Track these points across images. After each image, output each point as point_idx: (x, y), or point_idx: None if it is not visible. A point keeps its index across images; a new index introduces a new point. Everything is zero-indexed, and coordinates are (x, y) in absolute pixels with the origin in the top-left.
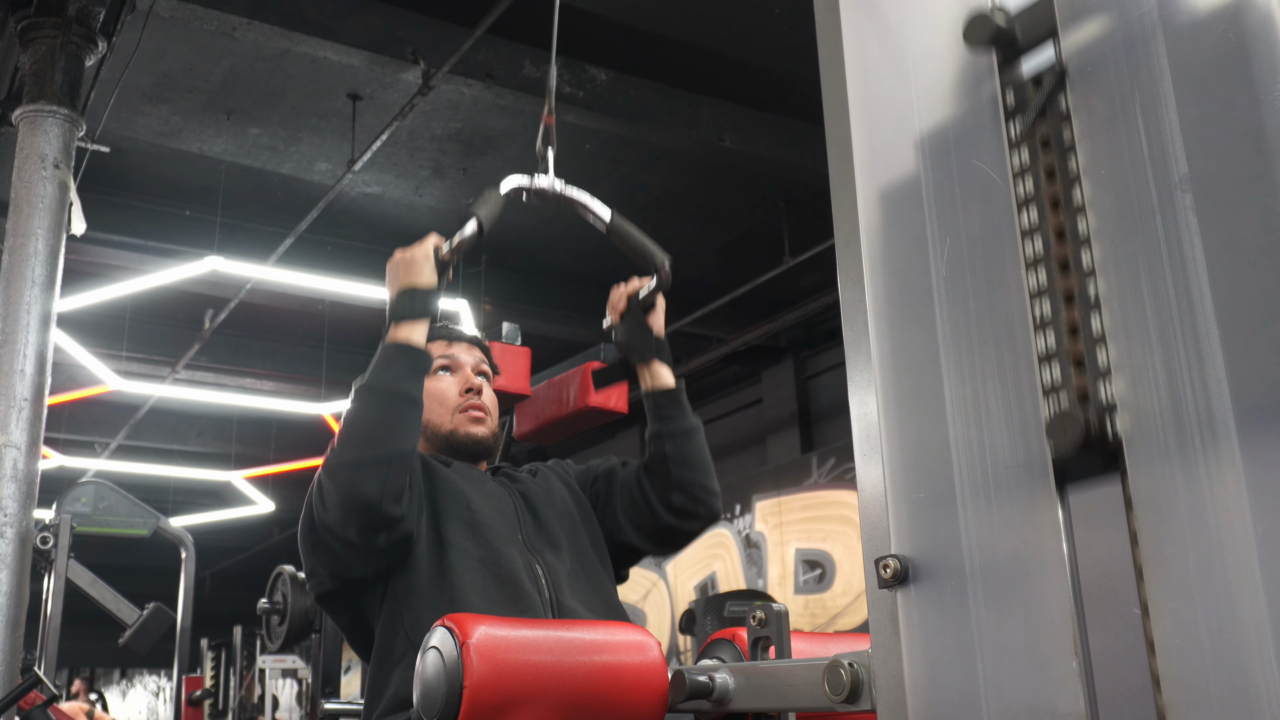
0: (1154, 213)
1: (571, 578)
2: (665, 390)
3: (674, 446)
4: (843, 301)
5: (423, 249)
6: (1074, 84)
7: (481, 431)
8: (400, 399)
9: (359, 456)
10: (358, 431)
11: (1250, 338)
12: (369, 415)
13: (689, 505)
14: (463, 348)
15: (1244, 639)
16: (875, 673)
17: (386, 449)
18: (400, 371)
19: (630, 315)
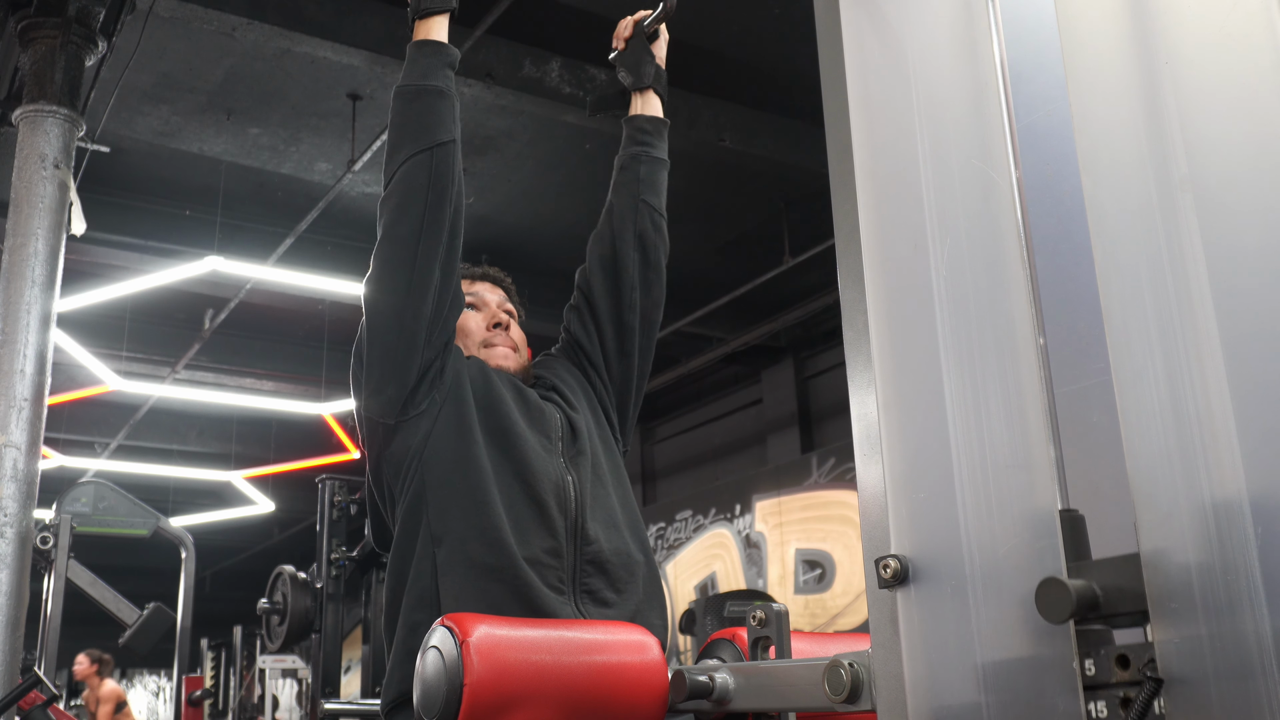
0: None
1: (595, 491)
2: (654, 117)
3: (647, 170)
4: (843, 301)
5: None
6: (1171, 698)
7: (510, 365)
8: (429, 92)
9: (407, 152)
10: (401, 131)
11: (1251, 343)
12: (403, 116)
13: (649, 231)
14: (486, 286)
15: (1244, 638)
16: (875, 673)
17: (428, 139)
18: (424, 68)
19: (634, 42)
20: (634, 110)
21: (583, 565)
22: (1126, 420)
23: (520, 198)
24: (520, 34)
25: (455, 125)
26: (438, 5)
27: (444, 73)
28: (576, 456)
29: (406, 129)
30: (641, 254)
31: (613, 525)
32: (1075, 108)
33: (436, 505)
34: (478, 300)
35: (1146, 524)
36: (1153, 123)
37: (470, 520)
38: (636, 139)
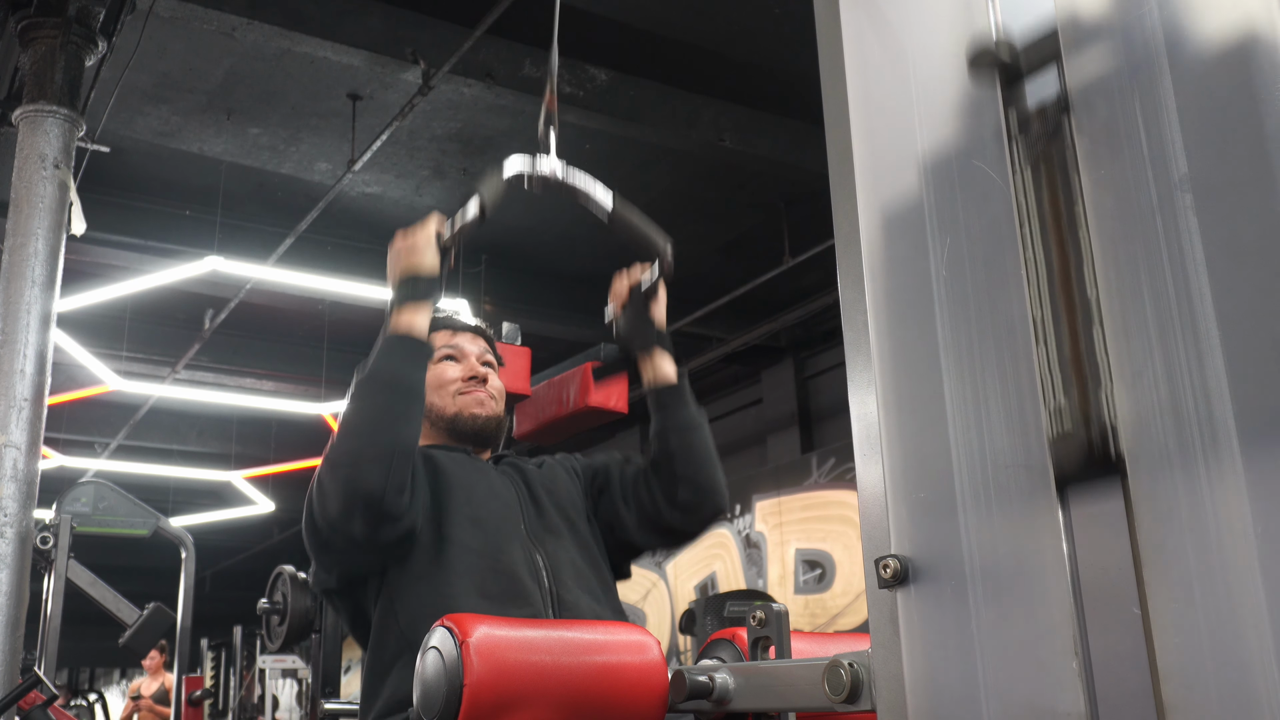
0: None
1: (573, 568)
2: (667, 385)
3: (678, 441)
4: (843, 301)
5: (424, 233)
6: (1077, 112)
7: (485, 413)
8: (402, 390)
9: (361, 448)
10: (359, 423)
11: (1251, 343)
12: (371, 406)
13: (694, 501)
14: (467, 338)
15: (1245, 639)
16: (875, 673)
17: (389, 440)
18: (402, 361)
19: (632, 304)
20: (645, 376)
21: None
22: (1126, 420)
23: (520, 198)
24: (520, 34)
25: (419, 429)
26: (422, 295)
27: (420, 372)
28: (542, 533)
29: (370, 421)
30: (683, 515)
31: (593, 596)
32: (1075, 107)
33: (406, 616)
34: (457, 352)
35: (1146, 522)
36: (1153, 123)
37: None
38: (658, 410)
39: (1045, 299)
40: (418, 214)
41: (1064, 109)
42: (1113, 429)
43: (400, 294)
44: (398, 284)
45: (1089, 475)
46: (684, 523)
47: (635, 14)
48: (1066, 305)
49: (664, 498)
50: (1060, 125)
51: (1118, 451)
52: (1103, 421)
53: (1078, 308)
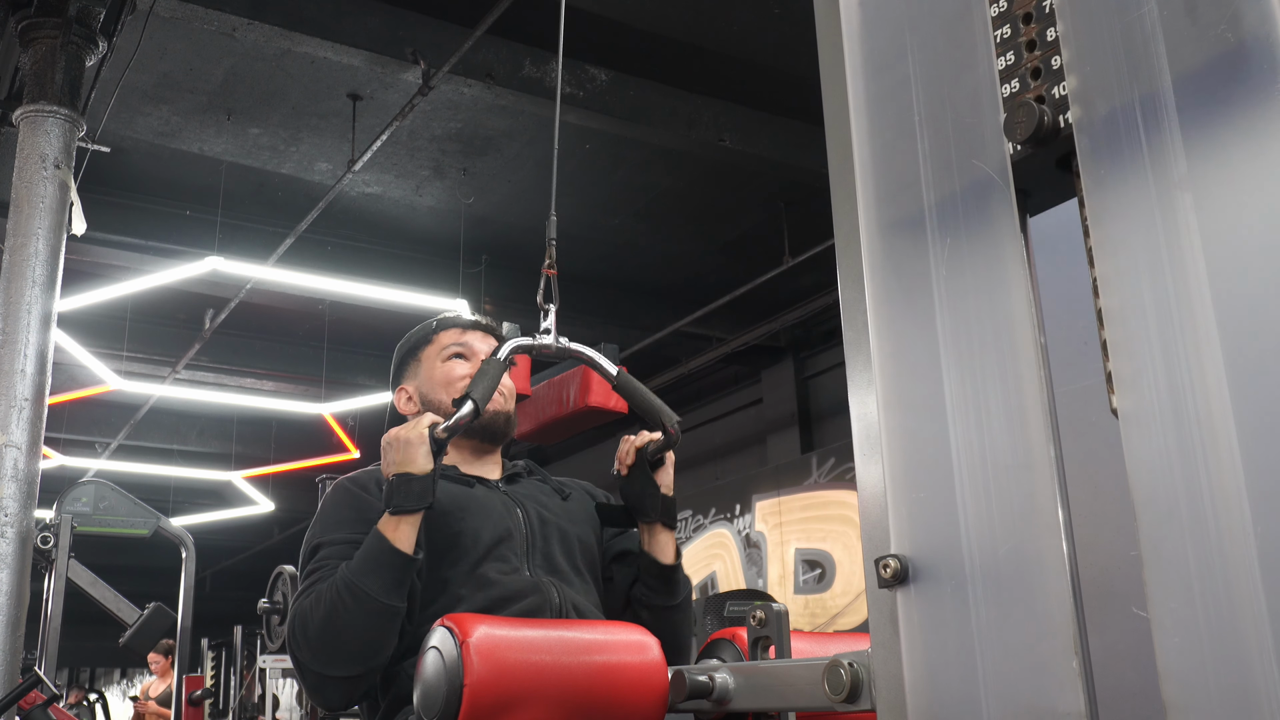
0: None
1: (574, 603)
2: (658, 564)
3: (651, 620)
4: (843, 301)
5: (418, 431)
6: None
7: (493, 409)
8: (383, 613)
9: (332, 671)
10: (336, 644)
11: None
12: (348, 628)
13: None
14: (477, 336)
15: (1244, 638)
16: (875, 672)
17: (361, 666)
18: (389, 582)
19: (637, 469)
20: (644, 542)
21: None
22: (1126, 420)
23: (520, 198)
24: (520, 34)
25: (394, 644)
26: (414, 503)
27: (403, 592)
28: (544, 570)
29: (345, 635)
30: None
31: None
32: (1075, 107)
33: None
34: (467, 350)
35: (1146, 524)
36: (1152, 122)
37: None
38: (644, 583)
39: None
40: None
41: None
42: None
43: (393, 497)
44: (392, 481)
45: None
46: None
47: (635, 14)
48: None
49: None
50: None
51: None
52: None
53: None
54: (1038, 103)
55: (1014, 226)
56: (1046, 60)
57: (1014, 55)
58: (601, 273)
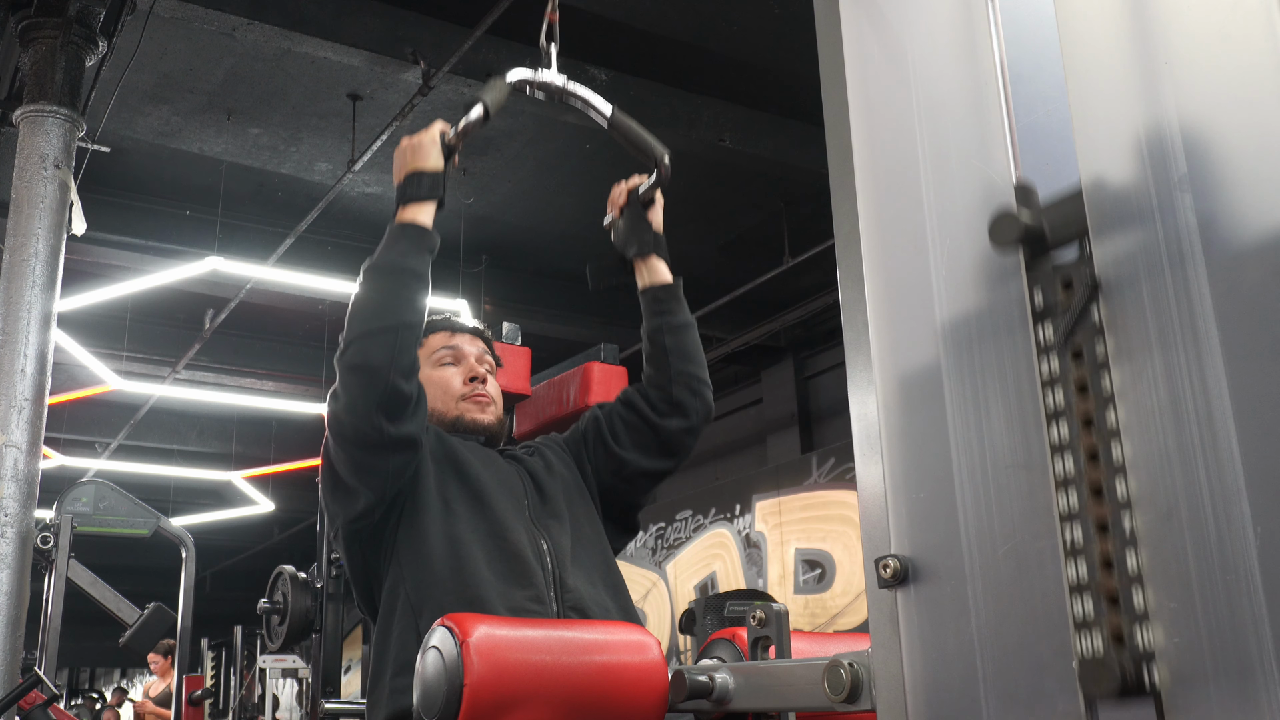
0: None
1: (574, 551)
2: (664, 285)
3: (674, 340)
4: (843, 301)
5: (429, 134)
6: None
7: (486, 419)
8: (405, 274)
9: (366, 329)
10: (365, 308)
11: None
12: (375, 291)
13: (688, 399)
14: (466, 339)
15: (1243, 636)
16: (875, 672)
17: (393, 319)
18: (406, 248)
19: (630, 210)
20: (641, 280)
21: (565, 611)
22: (1126, 420)
23: (520, 198)
24: (520, 34)
25: (425, 311)
26: (426, 193)
27: (424, 257)
28: (546, 518)
29: (375, 302)
30: (682, 418)
31: (592, 583)
32: (1075, 108)
33: (414, 580)
34: (456, 353)
35: (1147, 525)
36: (1152, 122)
37: (448, 588)
38: (654, 310)
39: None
40: None
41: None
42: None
43: (405, 191)
44: (403, 182)
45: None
46: (678, 424)
47: (635, 14)
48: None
49: (658, 401)
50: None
51: (1127, 493)
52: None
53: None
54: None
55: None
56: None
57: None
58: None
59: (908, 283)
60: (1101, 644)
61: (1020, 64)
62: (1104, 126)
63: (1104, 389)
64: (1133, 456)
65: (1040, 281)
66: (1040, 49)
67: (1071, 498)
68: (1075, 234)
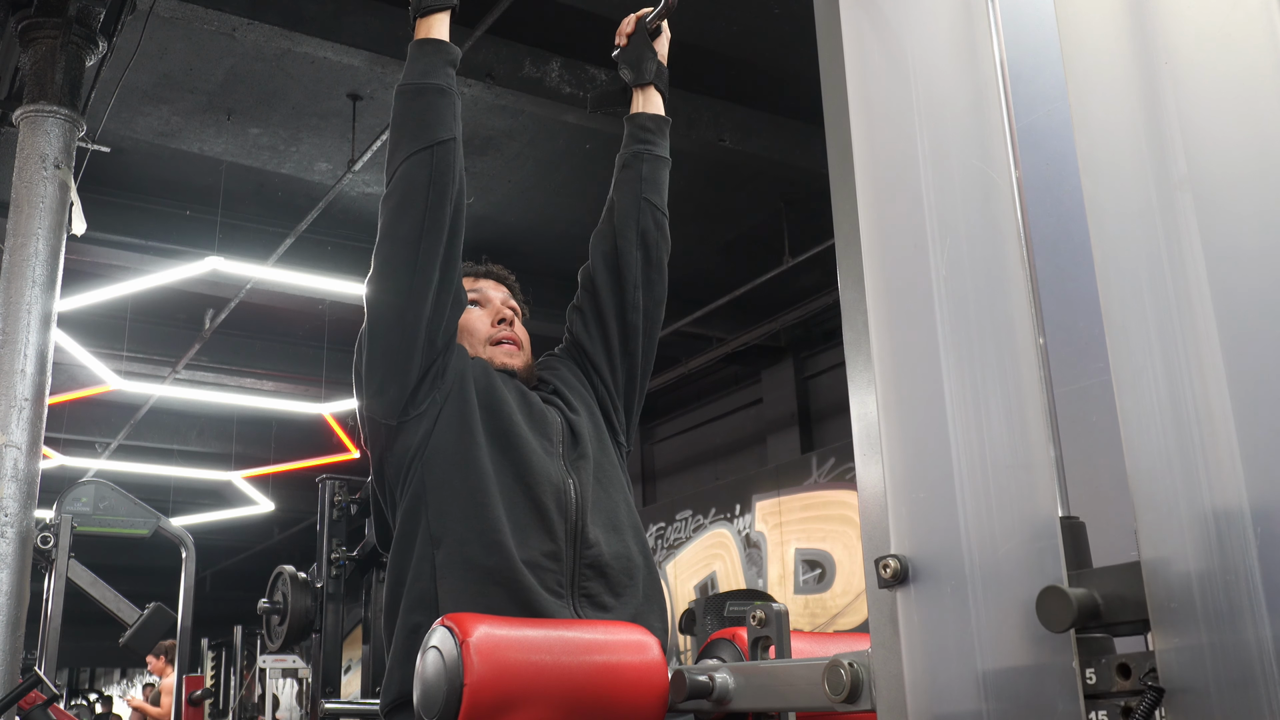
0: None
1: (600, 497)
2: (656, 115)
3: (649, 169)
4: (843, 301)
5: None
6: (1172, 707)
7: (515, 364)
8: (430, 90)
9: (407, 151)
10: (401, 130)
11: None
12: (404, 114)
13: (650, 229)
14: (490, 283)
15: (1243, 635)
16: (875, 672)
17: (428, 137)
18: (426, 65)
19: (636, 38)
20: (635, 108)
21: (581, 569)
22: (1126, 421)
23: (520, 198)
24: (520, 34)
25: (456, 123)
26: (439, 3)
27: (445, 70)
28: (577, 460)
29: (407, 127)
30: (644, 252)
31: (614, 528)
32: (1075, 108)
33: (436, 506)
34: (481, 297)
35: (1146, 525)
36: (1152, 123)
37: (469, 522)
38: (638, 137)
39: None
40: None
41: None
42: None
43: (418, 4)
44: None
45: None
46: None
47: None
48: None
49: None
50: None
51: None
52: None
53: None
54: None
55: (1015, 226)
56: None
57: None
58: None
59: (908, 283)
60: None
61: (1020, 64)
62: (1104, 130)
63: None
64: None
65: (1092, 661)
66: (1040, 49)
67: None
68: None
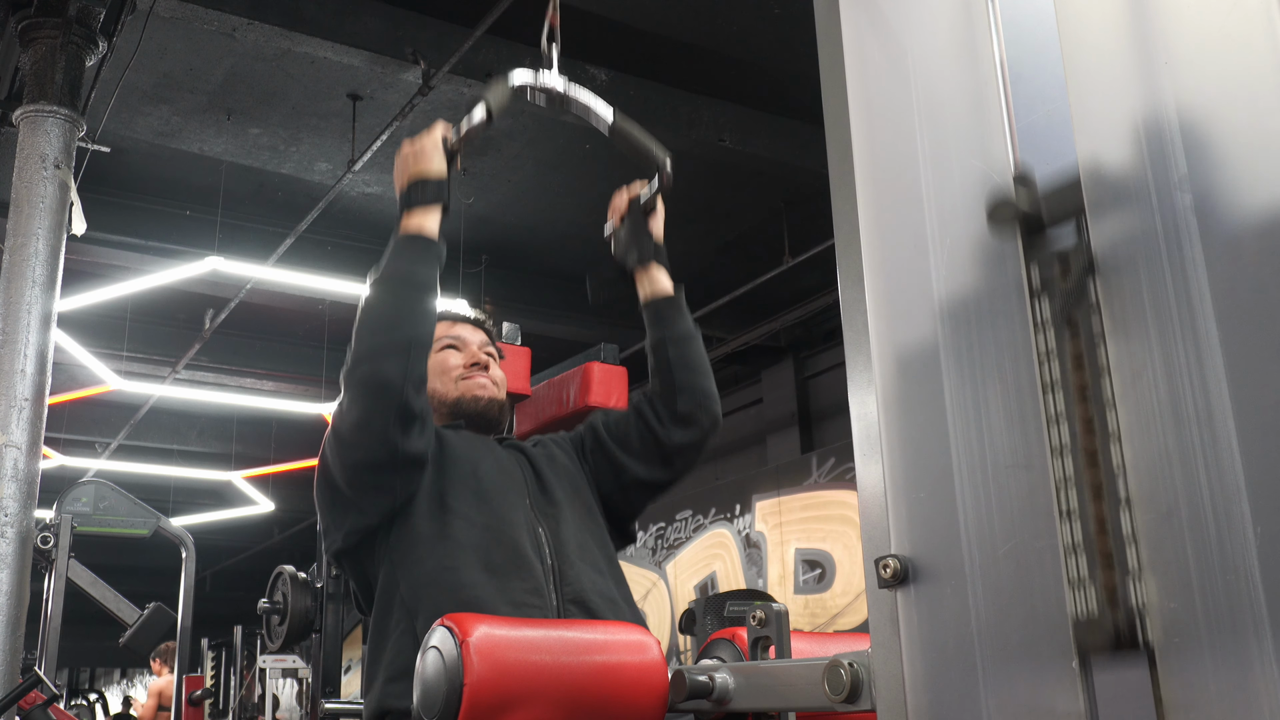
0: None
1: (576, 542)
2: (665, 297)
3: (677, 351)
4: (843, 301)
5: (431, 138)
6: (1103, 276)
7: (486, 395)
8: (415, 285)
9: (378, 343)
10: (374, 320)
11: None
12: (384, 303)
13: (694, 411)
14: (467, 329)
15: (1243, 633)
16: (875, 672)
17: (404, 333)
18: (413, 258)
19: (631, 218)
20: (642, 291)
21: (565, 605)
22: (1126, 421)
23: (520, 198)
24: (520, 34)
25: (435, 322)
26: (430, 198)
27: (433, 266)
28: (546, 507)
29: (385, 316)
30: (687, 430)
31: (597, 570)
32: (1075, 108)
33: (408, 583)
34: (458, 342)
35: (1146, 525)
36: (1152, 121)
37: (444, 589)
38: (656, 322)
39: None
40: None
41: (1089, 271)
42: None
43: (409, 198)
44: (406, 188)
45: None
46: (684, 437)
47: (635, 14)
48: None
49: (664, 413)
50: (1085, 286)
51: (1122, 459)
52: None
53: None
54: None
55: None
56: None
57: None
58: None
59: (908, 283)
60: (1096, 601)
61: (1020, 64)
62: (1103, 124)
63: (1099, 362)
64: (1127, 425)
65: (1037, 261)
66: (1040, 49)
67: (1067, 463)
68: (1072, 214)
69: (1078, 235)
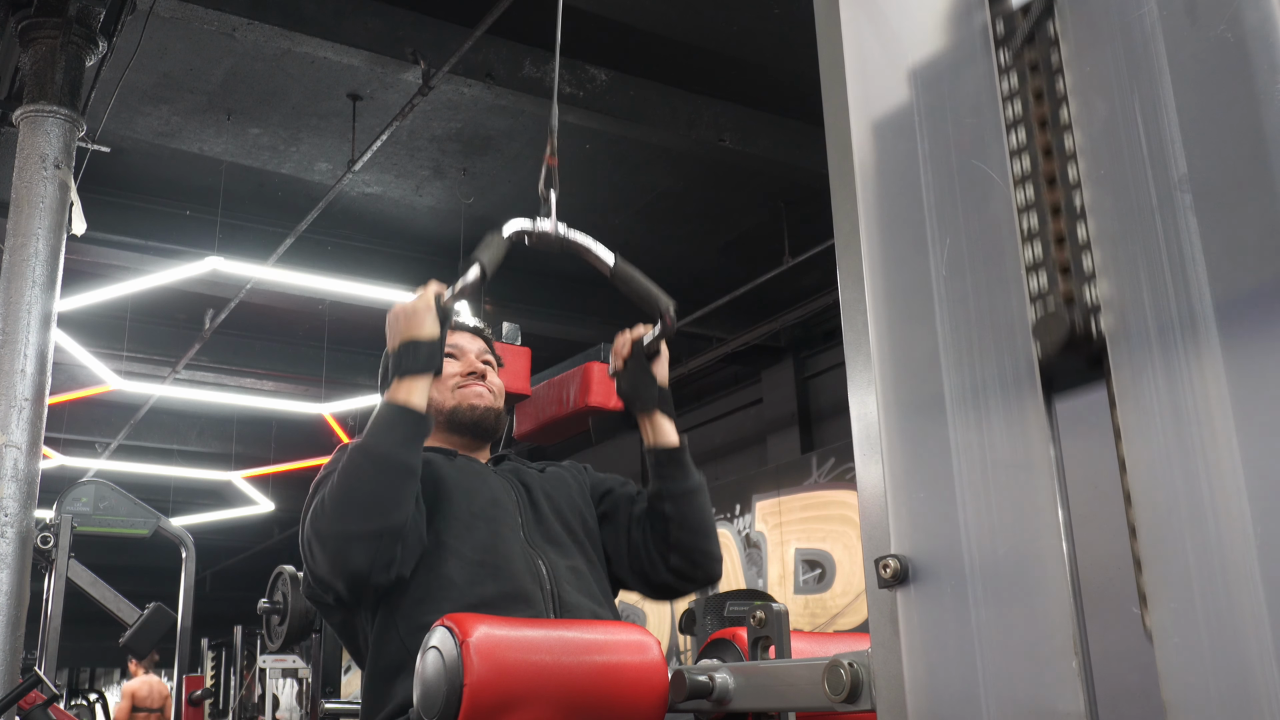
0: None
1: (572, 573)
2: (666, 449)
3: (674, 508)
4: (843, 301)
5: (424, 299)
6: (1062, 12)
7: (483, 404)
8: (398, 468)
9: (351, 529)
10: (350, 496)
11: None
12: (364, 483)
13: (686, 569)
14: (466, 337)
15: (1244, 634)
16: (875, 673)
17: (379, 523)
18: (400, 437)
19: (634, 362)
20: (645, 438)
21: None
22: (1126, 421)
23: (520, 198)
24: (520, 34)
25: (411, 505)
26: (422, 365)
27: (417, 448)
28: (541, 542)
29: (362, 496)
30: (677, 579)
31: (594, 601)
32: (1075, 107)
33: (407, 625)
34: (457, 350)
35: (1146, 525)
36: (1152, 123)
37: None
38: (656, 473)
39: (1033, 212)
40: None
41: (1048, 11)
42: (1097, 328)
43: (400, 362)
44: (397, 350)
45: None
46: (675, 584)
47: (635, 14)
48: (1054, 216)
49: (659, 558)
50: (1045, 26)
51: (1119, 457)
52: (1087, 321)
53: (1064, 217)
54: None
55: (1014, 226)
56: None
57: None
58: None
59: (908, 283)
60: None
61: None
62: (1104, 130)
63: (1058, 90)
64: (1083, 142)
65: (1001, 13)
66: None
67: (1029, 191)
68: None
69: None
